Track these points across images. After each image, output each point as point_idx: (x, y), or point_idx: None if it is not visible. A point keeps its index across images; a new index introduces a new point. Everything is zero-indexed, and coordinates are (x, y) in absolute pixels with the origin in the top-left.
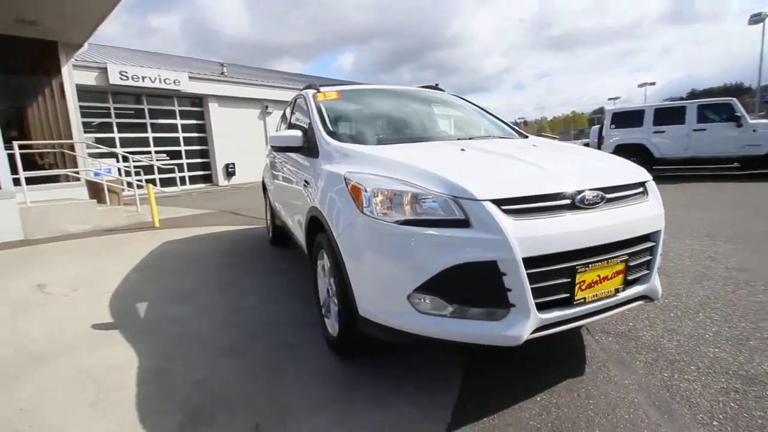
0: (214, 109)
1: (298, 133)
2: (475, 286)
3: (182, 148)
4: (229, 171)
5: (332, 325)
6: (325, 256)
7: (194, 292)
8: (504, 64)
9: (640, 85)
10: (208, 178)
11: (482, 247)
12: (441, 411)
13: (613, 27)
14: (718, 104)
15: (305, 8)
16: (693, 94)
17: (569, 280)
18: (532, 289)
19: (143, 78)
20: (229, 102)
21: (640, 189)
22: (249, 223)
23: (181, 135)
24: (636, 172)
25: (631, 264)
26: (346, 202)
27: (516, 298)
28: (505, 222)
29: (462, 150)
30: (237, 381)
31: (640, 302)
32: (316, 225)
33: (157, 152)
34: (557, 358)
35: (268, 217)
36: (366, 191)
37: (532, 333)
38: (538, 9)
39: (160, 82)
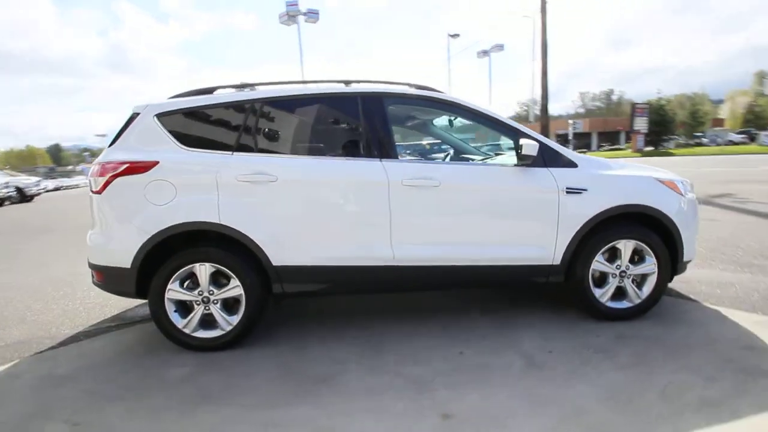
0: None
1: (536, 144)
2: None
3: None
4: None
5: (634, 292)
6: (629, 243)
7: None
8: None
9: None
10: None
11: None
12: None
13: (46, 58)
14: None
15: None
16: None
17: None
18: None
19: None
20: None
21: None
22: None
23: None
24: None
25: None
26: (670, 193)
27: None
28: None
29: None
30: None
31: None
32: (601, 224)
33: None
34: None
35: (224, 295)
36: (681, 184)
37: None
38: None
39: None
